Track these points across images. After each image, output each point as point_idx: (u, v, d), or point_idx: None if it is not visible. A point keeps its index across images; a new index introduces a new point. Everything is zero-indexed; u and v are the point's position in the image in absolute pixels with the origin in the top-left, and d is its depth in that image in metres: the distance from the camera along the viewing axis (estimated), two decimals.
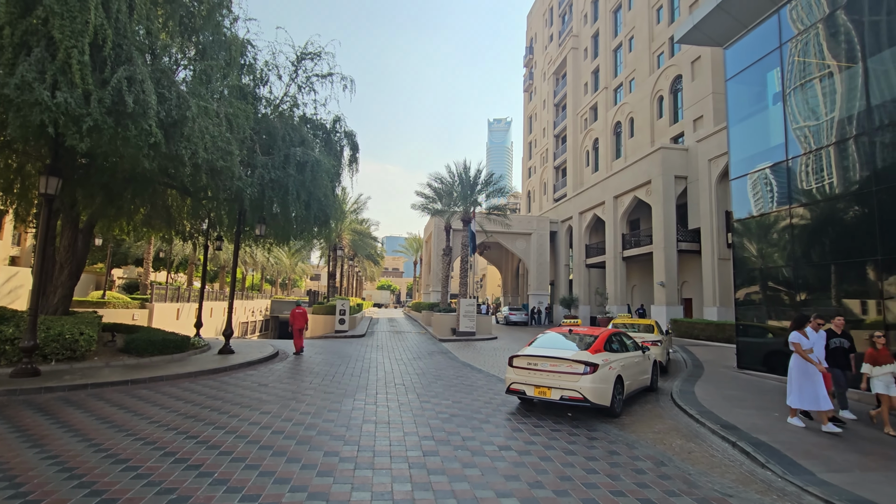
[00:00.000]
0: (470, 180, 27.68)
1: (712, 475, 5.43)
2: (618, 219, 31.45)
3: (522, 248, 39.94)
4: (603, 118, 40.04)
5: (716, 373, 12.78)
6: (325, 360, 13.72)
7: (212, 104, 9.27)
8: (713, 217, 24.18)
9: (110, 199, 11.94)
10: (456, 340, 21.11)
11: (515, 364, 8.13)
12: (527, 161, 61.89)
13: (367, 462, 5.34)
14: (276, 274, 68.81)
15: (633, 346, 9.58)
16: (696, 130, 27.64)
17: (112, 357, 11.14)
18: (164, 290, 30.42)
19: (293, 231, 15.70)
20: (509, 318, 35.82)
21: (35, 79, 6.54)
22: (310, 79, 15.75)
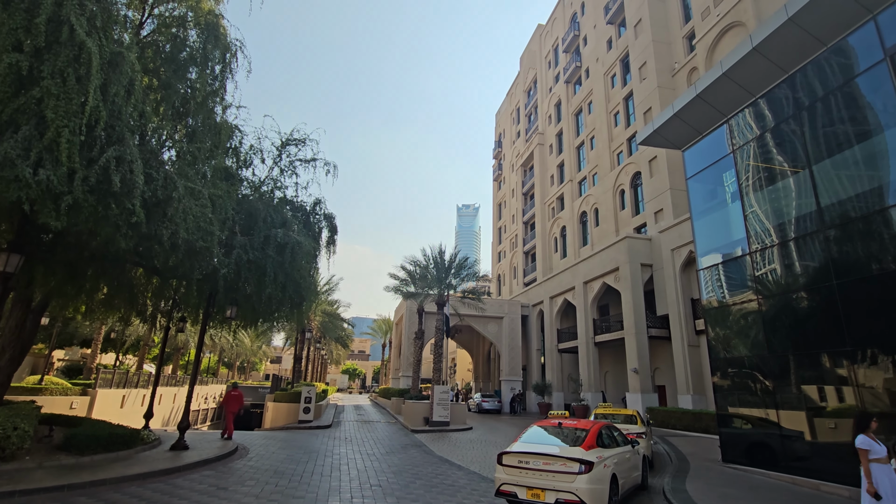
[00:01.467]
0: (445, 264, 27.97)
1: None
2: (588, 304, 31.98)
3: (494, 331, 39.65)
4: (569, 207, 42.27)
5: (702, 467, 12.34)
6: (291, 457, 12.53)
7: (197, 184, 9.23)
8: (680, 304, 24.93)
9: (72, 276, 11.26)
10: (430, 431, 19.91)
11: (505, 462, 7.60)
12: (496, 245, 63.64)
13: None
14: (234, 356, 65.06)
15: (622, 439, 9.22)
16: (658, 222, 29.40)
17: (47, 456, 9.78)
18: (110, 375, 27.91)
19: (263, 312, 15.05)
20: (482, 406, 34.43)
21: (18, 156, 6.37)
22: (293, 163, 16.13)
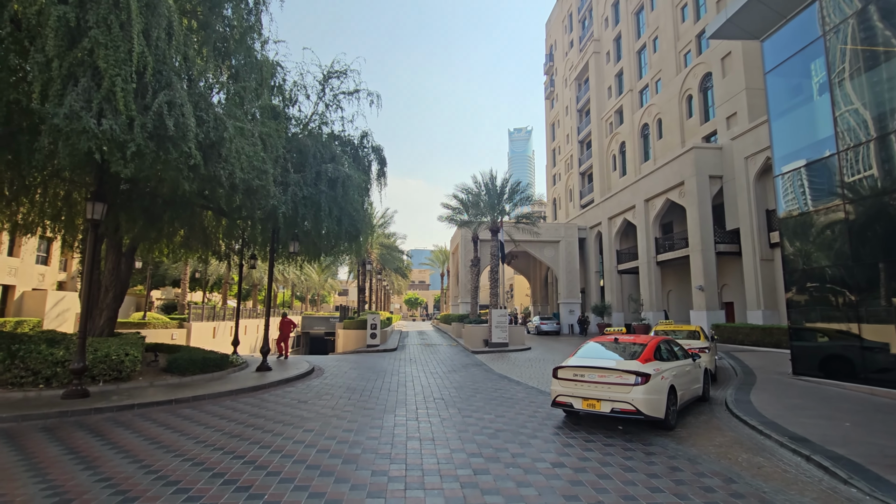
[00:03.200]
0: (497, 190, 27.50)
1: (789, 493, 5.01)
2: (649, 223, 30.61)
3: (551, 256, 39.35)
4: (629, 121, 39.36)
5: (770, 380, 12.08)
6: (361, 376, 13.64)
7: (246, 124, 9.43)
8: (753, 216, 23.22)
9: (151, 222, 12.28)
10: (489, 352, 20.77)
11: (561, 376, 7.81)
12: (551, 168, 61.35)
13: (416, 482, 5.15)
14: (305, 290, 69.90)
15: (682, 353, 9.12)
16: (730, 128, 26.77)
17: (155, 377, 11.33)
18: (200, 310, 31.17)
19: (324, 247, 15.83)
20: (541, 328, 35.19)
21: (82, 108, 6.76)
22: (337, 96, 15.97)
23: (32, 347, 9.65)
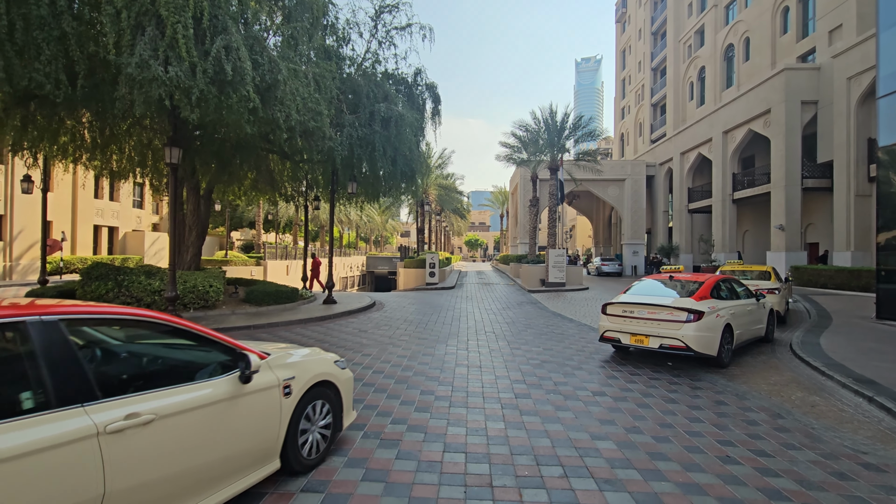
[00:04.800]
0: (557, 125, 26.25)
1: (841, 430, 4.88)
2: (727, 157, 28.12)
3: (615, 195, 37.62)
4: (711, 42, 35.22)
5: (847, 323, 11.28)
6: (418, 310, 14.35)
7: (300, 66, 9.62)
8: (851, 147, 20.60)
9: (222, 165, 13.17)
10: (545, 291, 20.87)
11: (610, 312, 7.82)
12: (619, 101, 57.09)
13: (461, 401, 5.57)
14: (369, 232, 72.54)
15: (744, 293, 8.72)
16: (833, 44, 23.23)
17: (236, 306, 12.66)
18: (274, 250, 33.62)
19: (382, 188, 16.23)
20: (601, 269, 34.52)
21: (150, 56, 7.23)
22: (389, 32, 15.61)
23: (134, 278, 11.08)
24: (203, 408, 2.80)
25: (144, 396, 2.55)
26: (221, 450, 2.88)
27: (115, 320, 2.79)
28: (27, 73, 7.17)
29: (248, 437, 3.07)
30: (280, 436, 3.35)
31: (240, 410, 3.04)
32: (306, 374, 3.65)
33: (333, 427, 3.94)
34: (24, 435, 2.04)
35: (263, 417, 3.22)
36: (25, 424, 2.07)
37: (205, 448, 2.78)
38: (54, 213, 23.95)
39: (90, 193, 27.96)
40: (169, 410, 2.60)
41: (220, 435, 2.89)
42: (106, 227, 30.36)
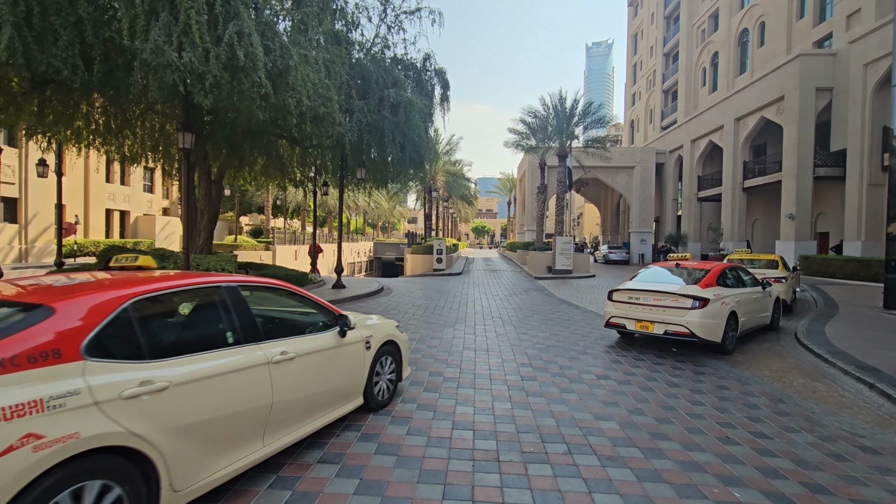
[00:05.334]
0: (566, 112, 26.04)
1: (841, 415, 4.99)
2: (739, 144, 27.80)
3: (624, 182, 37.36)
4: (725, 27, 34.52)
5: (854, 313, 11.30)
6: (426, 296, 14.53)
7: (310, 52, 9.66)
8: (865, 135, 20.29)
9: (233, 151, 13.30)
10: (552, 278, 20.97)
11: (615, 298, 7.93)
12: (630, 86, 56.29)
13: (468, 382, 5.74)
14: (376, 218, 72.72)
15: (751, 281, 8.77)
16: (850, 29, 22.72)
17: None
18: (283, 235, 33.91)
19: (390, 174, 16.29)
20: (609, 257, 34.50)
21: (165, 42, 7.31)
22: (398, 17, 15.54)
23: None
24: (320, 352, 3.82)
25: (287, 341, 3.53)
26: (330, 384, 3.93)
27: (264, 287, 3.80)
28: (45, 58, 7.29)
29: (345, 377, 4.13)
30: (363, 379, 4.40)
31: (340, 357, 4.07)
32: (379, 334, 4.68)
33: (396, 377, 5.00)
34: (232, 357, 3.04)
35: (354, 364, 4.25)
36: (231, 353, 3.07)
37: (321, 380, 3.82)
38: (67, 196, 24.29)
39: (102, 178, 28.28)
40: (303, 351, 3.60)
41: (330, 373, 3.93)
42: (118, 211, 30.75)
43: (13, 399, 2.02)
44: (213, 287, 3.26)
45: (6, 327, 2.23)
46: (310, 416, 3.69)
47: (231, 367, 2.98)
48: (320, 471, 3.45)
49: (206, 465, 2.77)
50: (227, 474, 2.90)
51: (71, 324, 2.36)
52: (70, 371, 2.26)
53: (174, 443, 2.55)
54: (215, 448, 2.83)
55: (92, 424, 2.21)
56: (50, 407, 2.11)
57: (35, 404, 2.07)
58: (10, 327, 2.23)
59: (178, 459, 2.56)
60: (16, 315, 2.34)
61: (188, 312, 3.31)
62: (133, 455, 2.38)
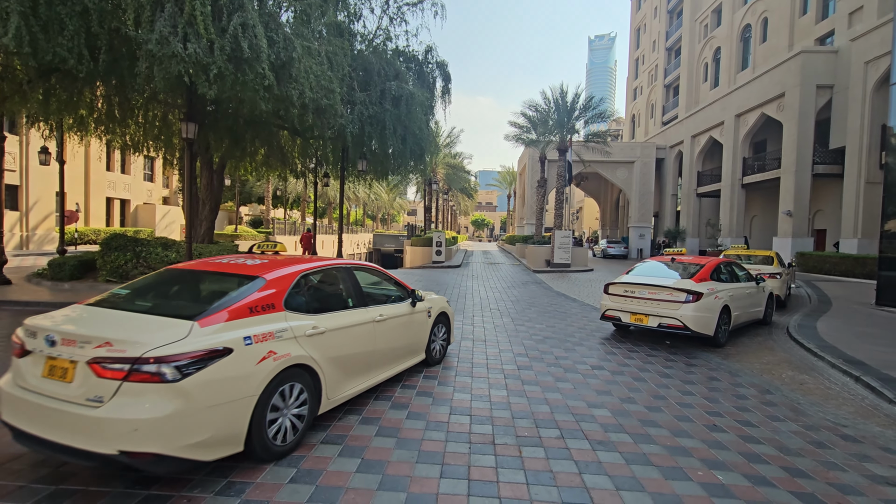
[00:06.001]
0: (567, 106, 26.06)
1: (825, 406, 5.17)
2: (739, 141, 27.87)
3: (624, 177, 37.43)
4: (728, 22, 34.43)
5: (846, 309, 11.49)
6: (424, 287, 14.66)
7: (313, 44, 9.73)
8: (864, 133, 20.39)
9: (235, 141, 13.38)
10: (550, 272, 21.14)
11: (611, 291, 8.08)
12: (632, 81, 56.14)
13: (465, 371, 5.90)
14: (376, 209, 72.77)
15: (745, 277, 8.93)
16: (852, 26, 22.73)
17: None
18: (283, 225, 34.02)
19: (391, 166, 16.40)
20: (607, 251, 34.68)
21: (170, 33, 7.40)
22: (400, 9, 15.54)
23: (151, 250, 11.45)
24: (400, 317, 5.10)
25: (381, 307, 4.83)
26: (405, 341, 5.25)
27: (364, 268, 5.14)
28: (51, 47, 7.38)
29: (414, 337, 5.46)
30: (425, 340, 5.72)
31: (412, 322, 5.38)
32: (436, 306, 5.98)
33: (447, 341, 6.36)
34: (354, 316, 4.39)
35: (420, 328, 5.57)
36: (353, 313, 4.41)
37: (400, 338, 5.14)
38: (68, 184, 24.27)
39: (103, 166, 28.29)
40: (390, 315, 4.90)
41: (405, 333, 5.25)
42: (118, 200, 30.80)
43: (261, 330, 3.42)
44: (340, 267, 4.69)
45: (246, 289, 3.62)
46: (393, 364, 5.03)
47: (354, 322, 4.34)
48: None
49: (343, 385, 4.18)
50: (351, 394, 4.31)
51: (275, 288, 3.76)
52: (280, 317, 3.65)
53: (328, 367, 3.93)
54: (347, 375, 4.22)
55: (294, 349, 3.61)
56: (276, 336, 3.50)
57: (271, 334, 3.47)
58: (247, 289, 3.62)
59: (330, 378, 3.96)
60: (247, 282, 3.72)
61: (327, 284, 4.62)
62: (310, 371, 3.75)
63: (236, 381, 3.14)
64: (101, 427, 2.74)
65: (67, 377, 2.91)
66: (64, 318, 3.33)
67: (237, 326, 3.30)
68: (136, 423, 2.73)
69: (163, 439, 2.80)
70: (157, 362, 2.82)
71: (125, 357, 2.81)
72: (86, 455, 2.77)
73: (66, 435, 2.78)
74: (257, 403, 3.25)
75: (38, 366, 3.05)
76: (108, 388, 2.79)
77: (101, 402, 2.78)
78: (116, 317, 3.32)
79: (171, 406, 2.83)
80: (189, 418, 2.89)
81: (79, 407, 2.80)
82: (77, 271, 11.59)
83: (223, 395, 3.06)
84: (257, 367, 3.28)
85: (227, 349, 3.13)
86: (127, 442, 2.72)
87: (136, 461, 2.75)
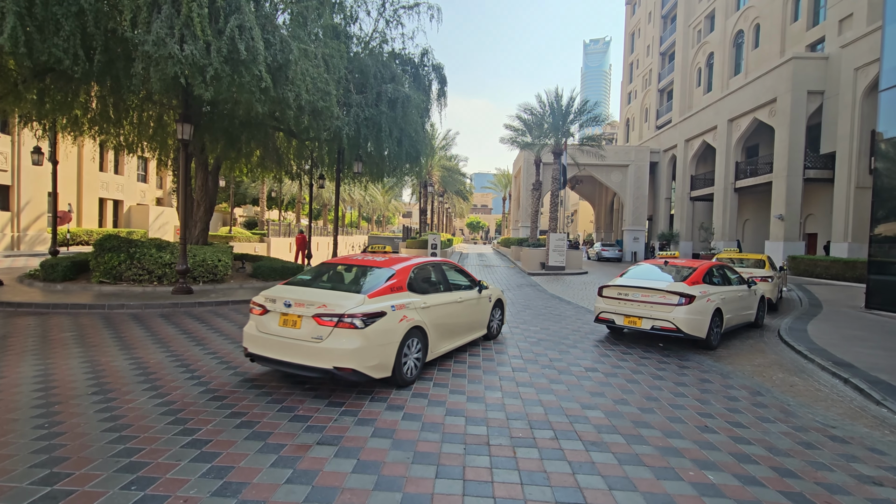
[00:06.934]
0: (562, 109, 26.23)
1: (815, 408, 5.24)
2: (731, 145, 28.14)
3: (618, 180, 37.65)
4: (721, 28, 34.79)
5: (836, 312, 11.63)
6: None
7: (310, 46, 9.75)
8: (854, 138, 20.66)
9: (231, 142, 13.37)
10: (545, 274, 21.23)
11: (605, 294, 8.15)
12: (626, 85, 56.53)
13: (461, 373, 5.93)
14: (371, 212, 72.70)
15: (737, 280, 9.03)
16: (842, 33, 23.06)
17: (243, 280, 13.02)
18: (277, 227, 33.89)
19: (386, 168, 16.43)
20: (601, 254, 34.83)
21: (167, 34, 7.41)
22: (397, 11, 15.59)
23: (145, 251, 11.40)
24: (471, 300, 6.86)
25: (458, 293, 6.61)
26: (474, 318, 7.00)
27: (448, 265, 7.03)
28: (46, 47, 7.36)
29: (480, 316, 7.23)
30: (487, 319, 7.49)
31: (479, 304, 7.14)
32: (495, 294, 7.81)
33: (501, 321, 8.12)
34: (445, 297, 6.27)
35: (484, 309, 7.35)
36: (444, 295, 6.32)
37: (471, 316, 6.90)
38: (60, 185, 24.14)
39: (96, 166, 28.11)
40: (465, 299, 6.69)
41: (474, 312, 7.00)
42: (111, 201, 30.60)
43: (398, 302, 5.31)
44: (434, 263, 6.68)
45: (385, 276, 5.53)
46: (466, 334, 6.82)
47: (445, 301, 6.22)
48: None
49: (438, 345, 5.99)
50: (442, 352, 6.13)
51: (401, 276, 5.66)
52: (406, 295, 5.53)
53: (432, 330, 5.75)
54: (441, 338, 6.04)
55: (415, 315, 5.46)
56: (406, 307, 5.37)
57: (403, 305, 5.34)
58: (386, 276, 5.52)
59: (432, 338, 5.77)
60: (386, 273, 5.62)
61: (427, 274, 6.42)
62: (422, 332, 5.57)
63: (389, 331, 5.04)
64: (322, 353, 4.72)
65: (297, 326, 4.93)
66: (286, 290, 5.31)
67: (386, 299, 5.23)
68: (342, 350, 4.69)
69: (356, 360, 4.73)
70: (351, 317, 4.78)
71: (334, 314, 4.79)
72: (312, 369, 4.78)
73: (300, 358, 4.81)
74: (398, 347, 5.11)
75: (275, 320, 5.08)
76: (325, 331, 4.79)
77: (321, 339, 4.78)
78: (317, 291, 5.30)
79: (360, 342, 4.77)
80: (369, 350, 4.81)
81: (307, 342, 4.81)
82: (70, 272, 11.51)
83: (384, 339, 4.97)
84: (398, 324, 5.16)
85: (383, 312, 5.03)
86: (338, 361, 4.69)
87: (341, 373, 4.71)
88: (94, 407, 4.43)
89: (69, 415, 4.23)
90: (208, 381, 5.28)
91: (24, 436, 3.78)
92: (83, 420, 4.12)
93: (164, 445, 3.67)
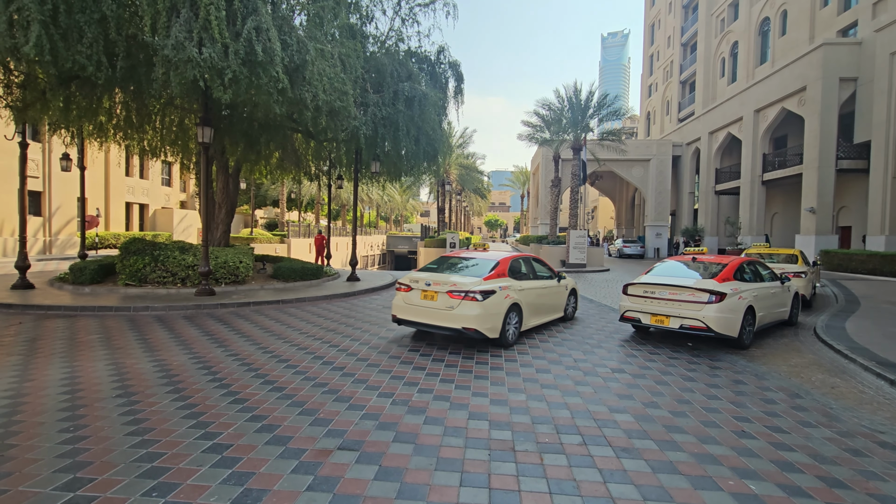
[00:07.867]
0: (581, 104, 25.76)
1: (860, 411, 4.95)
2: (758, 136, 27.26)
3: (639, 175, 36.89)
4: (745, 15, 33.73)
5: (876, 308, 11.09)
6: None
7: (326, 46, 9.73)
8: (891, 126, 19.75)
9: (250, 145, 13.48)
10: (566, 272, 20.88)
11: (631, 292, 7.90)
12: (647, 78, 55.40)
13: (482, 374, 5.80)
14: (389, 211, 72.96)
15: (769, 276, 8.67)
16: (877, 16, 22.06)
17: (264, 282, 13.12)
18: (297, 228, 34.27)
19: (404, 167, 16.34)
20: (623, 251, 34.23)
21: (185, 38, 7.45)
22: (412, 9, 15.49)
23: (168, 254, 11.58)
24: (551, 287, 8.66)
25: (542, 281, 8.44)
26: (554, 302, 8.79)
27: (534, 258, 8.84)
28: (70, 54, 7.48)
29: (558, 300, 8.92)
30: (563, 304, 9.16)
31: (558, 291, 8.86)
32: (570, 284, 9.41)
33: (575, 307, 9.71)
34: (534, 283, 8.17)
35: (561, 296, 9.05)
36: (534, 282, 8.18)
37: (552, 300, 8.69)
38: (88, 190, 24.75)
39: (122, 171, 28.82)
40: (547, 286, 8.54)
41: (554, 297, 8.77)
42: (137, 205, 31.35)
43: (503, 284, 7.18)
44: (525, 257, 8.47)
45: (493, 265, 7.48)
46: (547, 314, 8.54)
47: (534, 287, 7.97)
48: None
49: (529, 320, 7.76)
50: (531, 326, 7.93)
51: (503, 265, 7.56)
52: (507, 280, 7.34)
53: (525, 308, 7.55)
54: (531, 314, 7.79)
55: (515, 295, 7.29)
56: (508, 289, 7.20)
57: (506, 287, 7.19)
58: (493, 265, 7.48)
59: (525, 314, 7.59)
60: (492, 263, 7.58)
61: (520, 265, 8.07)
62: (518, 308, 7.35)
63: (498, 304, 6.84)
64: (454, 317, 6.67)
65: (434, 299, 6.88)
66: (423, 275, 7.25)
67: (495, 282, 7.03)
68: (468, 316, 6.60)
69: (478, 323, 6.59)
70: (474, 293, 6.65)
71: (462, 290, 6.71)
72: (447, 329, 6.78)
73: (438, 321, 6.82)
74: (504, 317, 6.91)
75: (417, 294, 7.08)
76: (455, 303, 6.70)
77: (452, 308, 6.71)
78: (445, 275, 7.20)
79: (480, 311, 6.63)
80: (486, 317, 6.66)
81: (443, 310, 6.77)
82: (97, 275, 11.77)
83: (495, 309, 6.80)
84: (504, 300, 6.96)
85: (494, 290, 6.83)
86: (465, 323, 6.60)
87: (468, 332, 6.61)
88: (117, 410, 4.44)
89: (94, 418, 4.25)
90: (230, 383, 5.27)
91: (49, 439, 3.80)
92: (107, 423, 4.13)
93: (186, 450, 3.64)
